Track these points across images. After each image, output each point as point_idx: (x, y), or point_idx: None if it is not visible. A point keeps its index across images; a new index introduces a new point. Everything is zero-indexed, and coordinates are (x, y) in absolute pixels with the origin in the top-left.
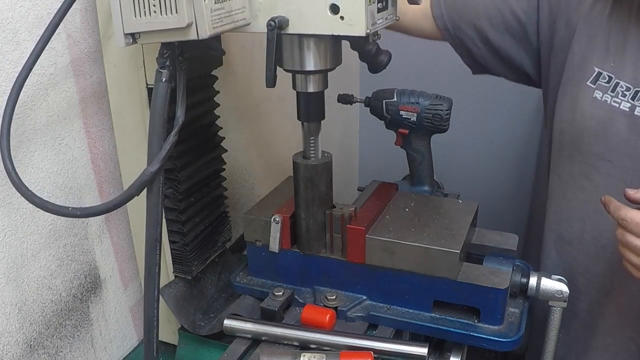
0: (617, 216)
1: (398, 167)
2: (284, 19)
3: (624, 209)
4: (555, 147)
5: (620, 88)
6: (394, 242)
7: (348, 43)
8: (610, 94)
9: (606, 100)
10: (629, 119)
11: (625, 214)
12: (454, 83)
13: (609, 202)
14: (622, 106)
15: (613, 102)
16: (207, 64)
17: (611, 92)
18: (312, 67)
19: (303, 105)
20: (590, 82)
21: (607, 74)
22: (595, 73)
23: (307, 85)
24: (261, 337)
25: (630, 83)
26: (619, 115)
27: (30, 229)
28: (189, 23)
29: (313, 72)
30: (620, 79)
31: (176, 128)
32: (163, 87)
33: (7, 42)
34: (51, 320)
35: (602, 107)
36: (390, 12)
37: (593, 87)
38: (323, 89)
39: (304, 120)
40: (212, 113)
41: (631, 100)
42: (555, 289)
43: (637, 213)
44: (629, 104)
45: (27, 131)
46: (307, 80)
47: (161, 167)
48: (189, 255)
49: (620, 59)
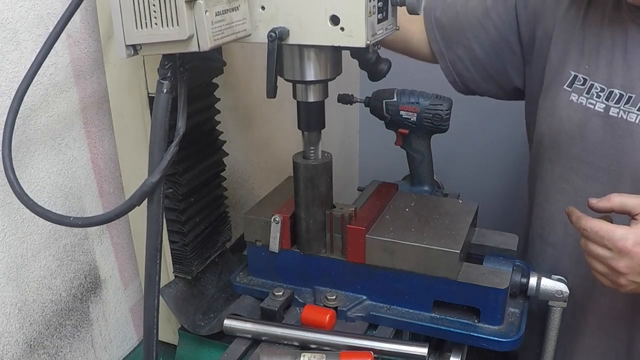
0: (578, 227)
1: (398, 167)
2: (285, 30)
3: (584, 219)
4: (536, 151)
5: (595, 89)
6: (394, 242)
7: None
8: (586, 96)
9: (582, 102)
10: (603, 120)
11: (586, 224)
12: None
13: (571, 212)
14: (597, 107)
15: (588, 104)
16: (208, 73)
17: (586, 93)
18: (313, 77)
19: (303, 115)
20: (567, 86)
21: (582, 76)
22: (571, 77)
23: (308, 95)
24: (261, 337)
25: (604, 84)
26: (594, 116)
27: (30, 229)
28: (190, 35)
29: (313, 82)
30: (595, 80)
31: (177, 139)
32: (164, 98)
33: (7, 42)
34: (51, 320)
35: (578, 109)
36: (390, 23)
37: (569, 91)
38: (323, 98)
39: (305, 130)
40: (213, 119)
41: (605, 100)
42: (555, 289)
43: (597, 223)
44: (603, 105)
45: (27, 131)
46: (308, 90)
47: (162, 177)
48: (189, 255)
49: (594, 61)
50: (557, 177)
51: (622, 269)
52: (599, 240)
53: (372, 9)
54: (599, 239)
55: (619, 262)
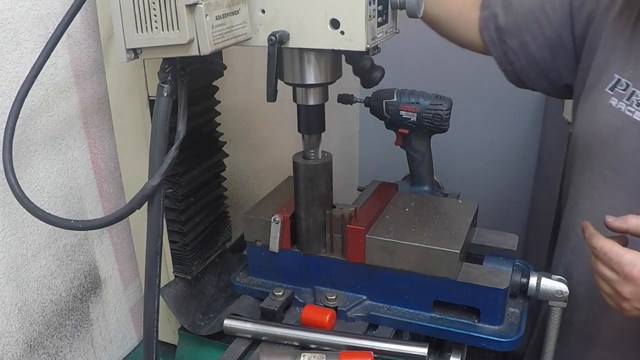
0: (589, 244)
1: (398, 167)
2: (285, 34)
3: (596, 238)
4: (571, 154)
5: (636, 97)
6: (394, 242)
7: None
8: (626, 102)
9: (620, 107)
10: None
11: (597, 243)
12: (454, 83)
13: (585, 228)
14: (636, 115)
15: (627, 111)
16: (208, 76)
17: (627, 100)
18: (313, 81)
19: (303, 118)
20: (609, 89)
21: (626, 80)
22: (614, 80)
23: (308, 98)
24: (261, 337)
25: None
26: (632, 124)
27: (30, 229)
28: (190, 39)
29: (314, 86)
30: (637, 87)
31: (177, 142)
32: (165, 102)
33: (7, 42)
34: (51, 320)
35: (615, 114)
36: (390, 26)
37: (611, 94)
38: (323, 101)
39: (305, 133)
40: (213, 121)
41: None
42: (555, 289)
43: (607, 243)
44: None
45: (28, 131)
46: (308, 94)
47: (162, 181)
48: (189, 255)
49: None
50: (586, 183)
51: (627, 294)
52: (607, 261)
53: (372, 12)
54: (607, 260)
55: (624, 287)
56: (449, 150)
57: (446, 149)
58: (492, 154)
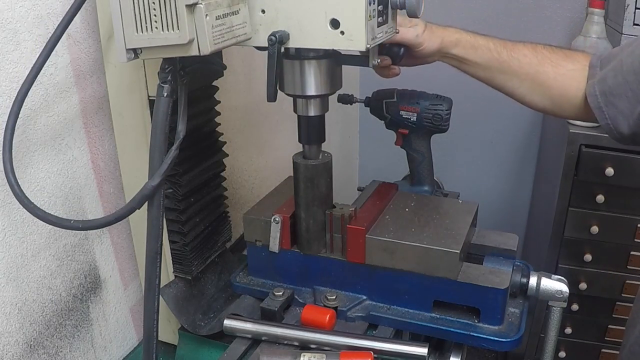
0: None
1: (398, 167)
2: (285, 34)
3: None
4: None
5: None
6: (394, 242)
7: None
8: None
9: None
10: None
11: None
12: (454, 83)
13: None
14: None
15: None
16: (208, 76)
17: None
18: (314, 92)
19: (304, 129)
20: None
21: None
22: None
23: (308, 109)
24: (261, 337)
25: None
26: None
27: (30, 229)
28: (190, 39)
29: (314, 97)
30: None
31: (177, 142)
32: (165, 102)
33: (7, 42)
34: (51, 320)
35: None
36: (390, 26)
37: None
38: (324, 112)
39: (305, 143)
40: (213, 121)
41: None
42: (555, 289)
43: None
44: None
45: (27, 131)
46: (308, 104)
47: (162, 181)
48: (189, 255)
49: None
50: None
51: None
52: None
53: (372, 12)
54: None
55: None
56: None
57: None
58: (492, 154)
